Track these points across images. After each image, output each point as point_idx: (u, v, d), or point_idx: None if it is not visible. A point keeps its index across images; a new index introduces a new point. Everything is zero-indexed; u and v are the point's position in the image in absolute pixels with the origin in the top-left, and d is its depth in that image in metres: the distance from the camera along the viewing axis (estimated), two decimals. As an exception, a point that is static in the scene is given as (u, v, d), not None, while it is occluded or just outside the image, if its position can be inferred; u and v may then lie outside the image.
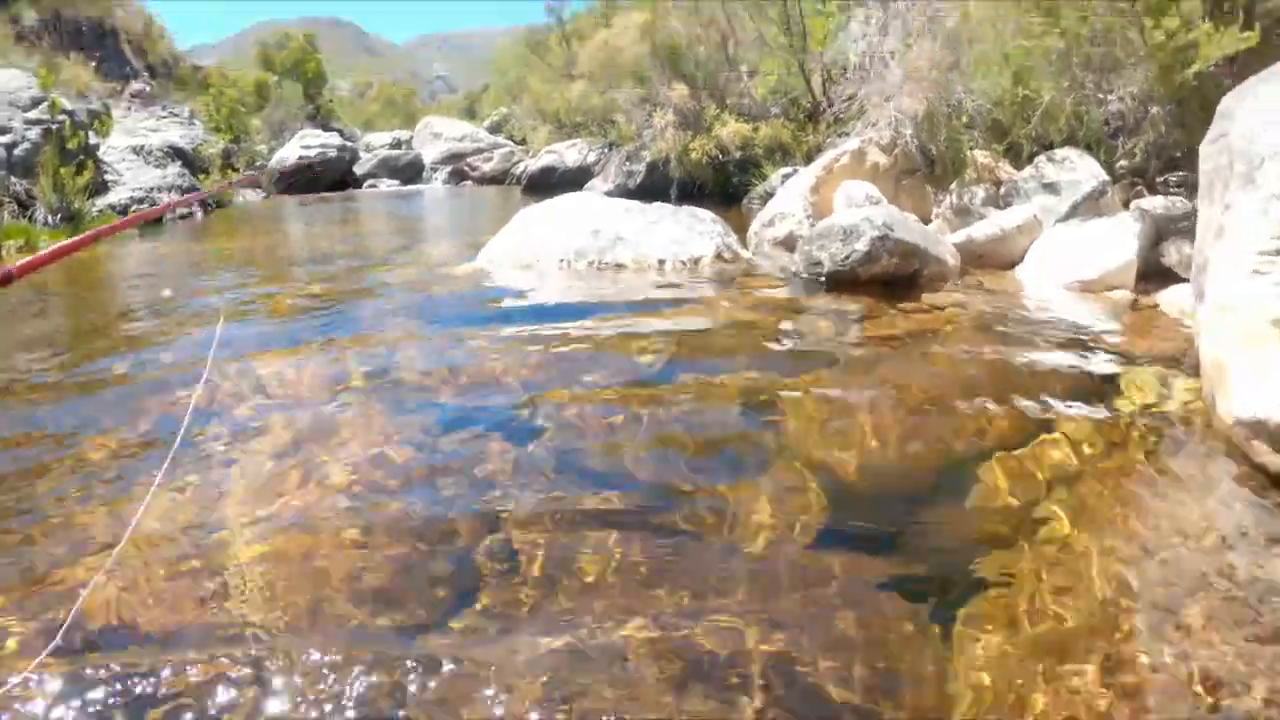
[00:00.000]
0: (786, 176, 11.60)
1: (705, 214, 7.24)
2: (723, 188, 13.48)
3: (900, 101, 7.66)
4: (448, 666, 1.94)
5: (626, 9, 19.61)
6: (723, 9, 15.15)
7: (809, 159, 12.60)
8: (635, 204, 7.19)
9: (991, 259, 6.24)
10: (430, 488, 2.84)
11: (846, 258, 5.47)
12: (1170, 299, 4.89)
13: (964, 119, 7.65)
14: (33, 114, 12.58)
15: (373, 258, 9.20)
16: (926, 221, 6.89)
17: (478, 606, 2.18)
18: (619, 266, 6.55)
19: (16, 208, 11.35)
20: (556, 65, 23.43)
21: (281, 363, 4.43)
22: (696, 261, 6.53)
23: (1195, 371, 3.45)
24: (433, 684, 1.89)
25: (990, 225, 6.39)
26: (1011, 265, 6.18)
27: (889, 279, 5.57)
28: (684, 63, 15.10)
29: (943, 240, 6.16)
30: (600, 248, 6.62)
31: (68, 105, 13.71)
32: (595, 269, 6.55)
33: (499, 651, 1.99)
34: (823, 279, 5.68)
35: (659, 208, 7.17)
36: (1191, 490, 2.74)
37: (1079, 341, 4.27)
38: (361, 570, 2.37)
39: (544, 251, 6.83)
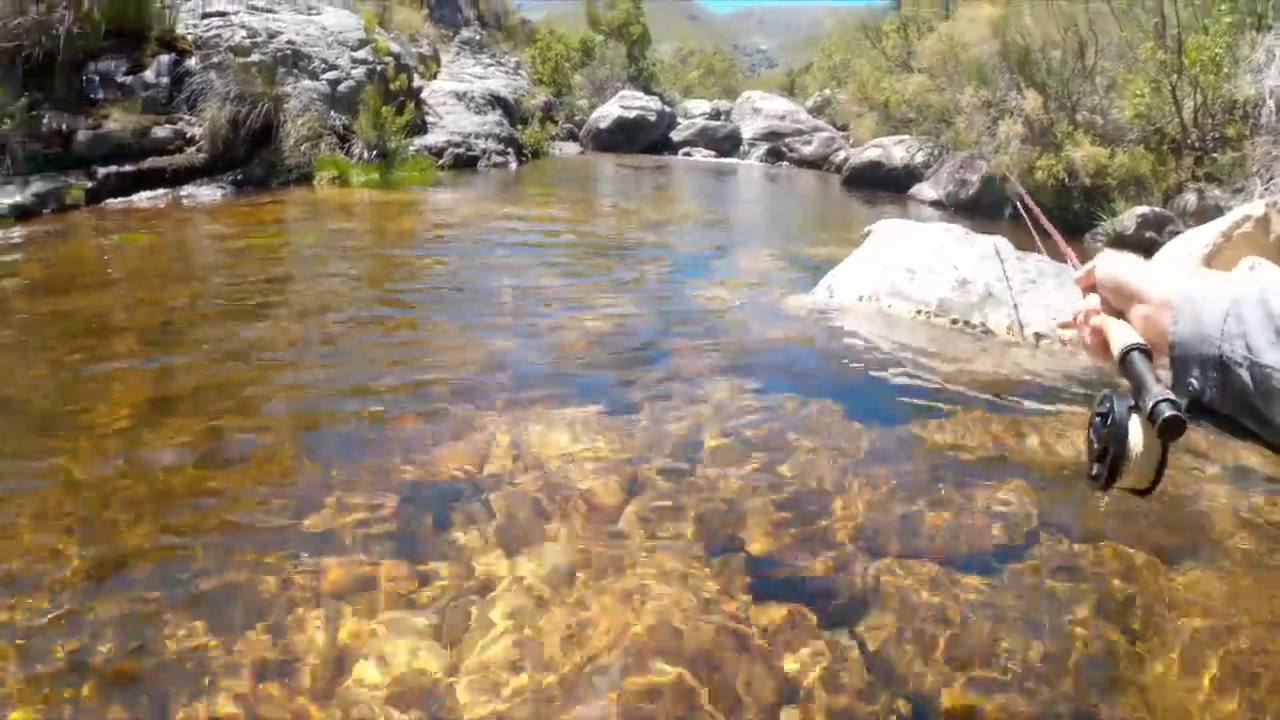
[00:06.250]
0: (1143, 217, 10.77)
1: (1094, 278, 6.34)
2: (1062, 215, 12.62)
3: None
4: None
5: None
6: (1085, 9, 14.12)
7: (1167, 199, 11.64)
8: (1010, 249, 6.38)
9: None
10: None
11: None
12: None
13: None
14: (359, 54, 13.40)
15: (684, 261, 8.16)
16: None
17: None
18: (987, 332, 5.67)
19: (335, 141, 12.20)
20: (892, 54, 22.76)
21: (561, 431, 3.75)
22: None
23: None
24: None
25: None
26: None
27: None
28: (1035, 68, 14.22)
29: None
30: (968, 304, 5.86)
31: (394, 48, 14.53)
32: (958, 329, 5.71)
33: None
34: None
35: (1038, 261, 6.27)
36: None
37: None
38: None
39: (899, 295, 6.06)
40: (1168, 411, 0.93)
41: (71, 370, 4.21)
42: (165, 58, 10.23)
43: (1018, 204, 1.94)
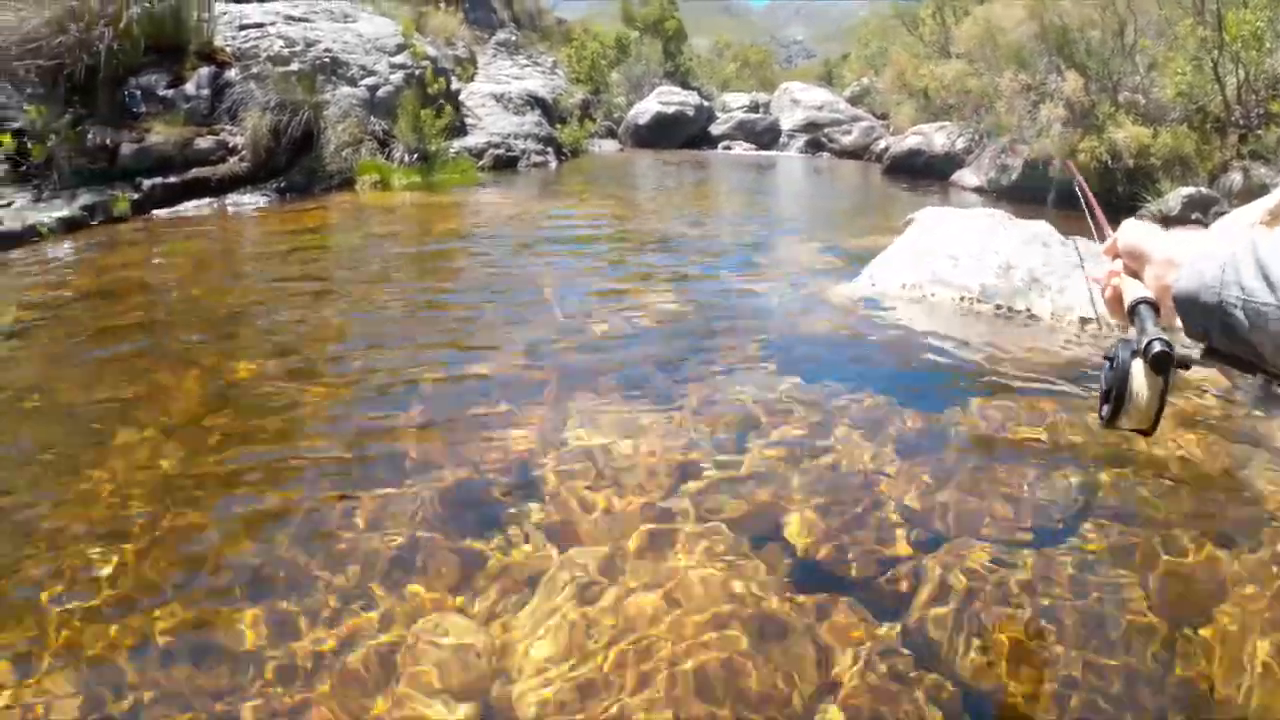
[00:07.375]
0: (1188, 198, 10.56)
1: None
2: (1107, 197, 12.37)
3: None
4: None
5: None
6: (1124, -12, 13.80)
7: (1212, 179, 11.39)
8: (1055, 234, 6.22)
9: None
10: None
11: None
12: None
13: None
14: (397, 59, 13.53)
15: (727, 254, 8.07)
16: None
17: None
18: (1032, 317, 5.56)
19: (376, 145, 12.37)
20: (929, 40, 22.55)
21: (606, 421, 3.81)
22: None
23: None
24: None
25: None
26: None
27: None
28: (1074, 49, 13.98)
29: None
30: (1011, 289, 5.75)
31: (431, 52, 14.65)
32: (1002, 316, 5.59)
33: None
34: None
35: (1088, 246, 5.91)
36: None
37: None
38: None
39: (942, 282, 5.96)
40: (1157, 347, 1.15)
41: (131, 365, 4.33)
42: (205, 70, 10.39)
43: (1075, 188, 1.96)
